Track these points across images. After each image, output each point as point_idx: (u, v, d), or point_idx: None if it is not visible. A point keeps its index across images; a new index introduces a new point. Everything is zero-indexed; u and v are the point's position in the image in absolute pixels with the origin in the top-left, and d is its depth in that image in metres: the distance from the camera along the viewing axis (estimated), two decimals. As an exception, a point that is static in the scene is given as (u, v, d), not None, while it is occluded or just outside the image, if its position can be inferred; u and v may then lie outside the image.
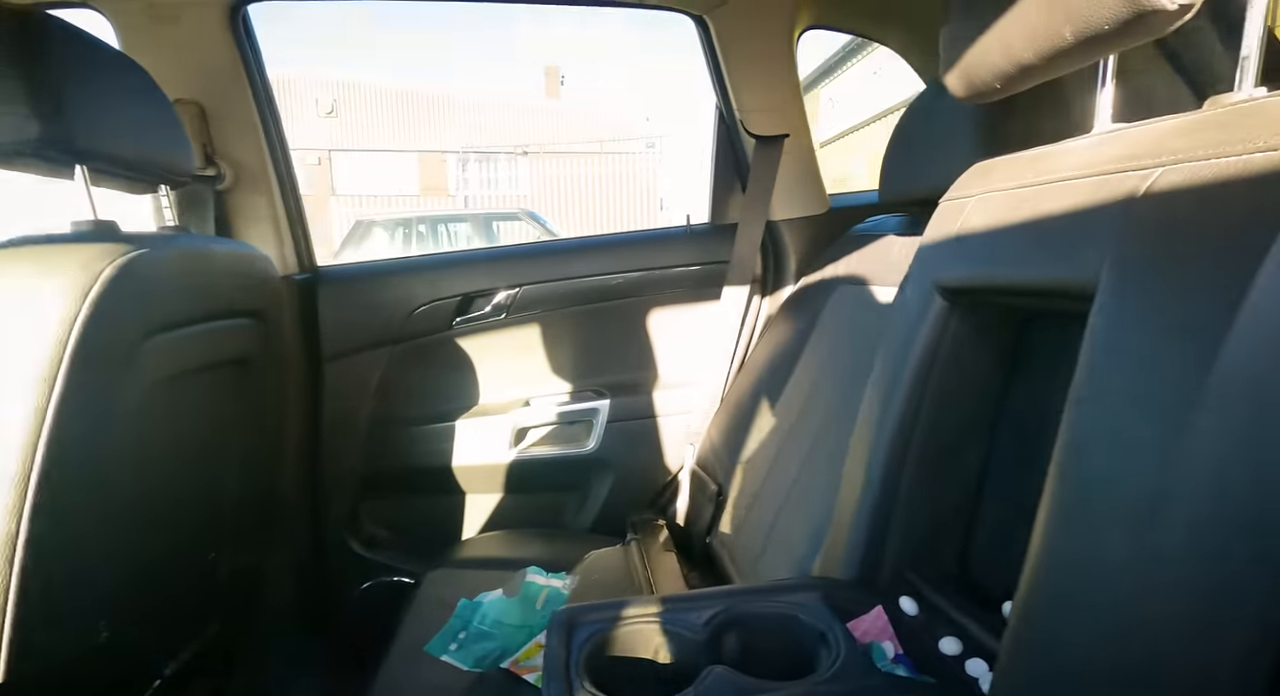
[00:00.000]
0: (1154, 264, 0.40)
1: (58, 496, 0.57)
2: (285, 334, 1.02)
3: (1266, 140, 0.36)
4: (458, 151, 14.31)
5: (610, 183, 14.49)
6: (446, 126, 14.17)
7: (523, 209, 9.89)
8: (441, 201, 13.97)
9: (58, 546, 0.59)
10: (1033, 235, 0.51)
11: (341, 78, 13.70)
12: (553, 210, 14.01)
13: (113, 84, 0.70)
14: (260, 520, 1.04)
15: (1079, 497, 0.41)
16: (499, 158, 14.55)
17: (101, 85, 0.67)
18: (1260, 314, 0.33)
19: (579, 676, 0.52)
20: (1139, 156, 0.44)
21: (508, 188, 14.47)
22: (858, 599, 0.63)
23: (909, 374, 0.64)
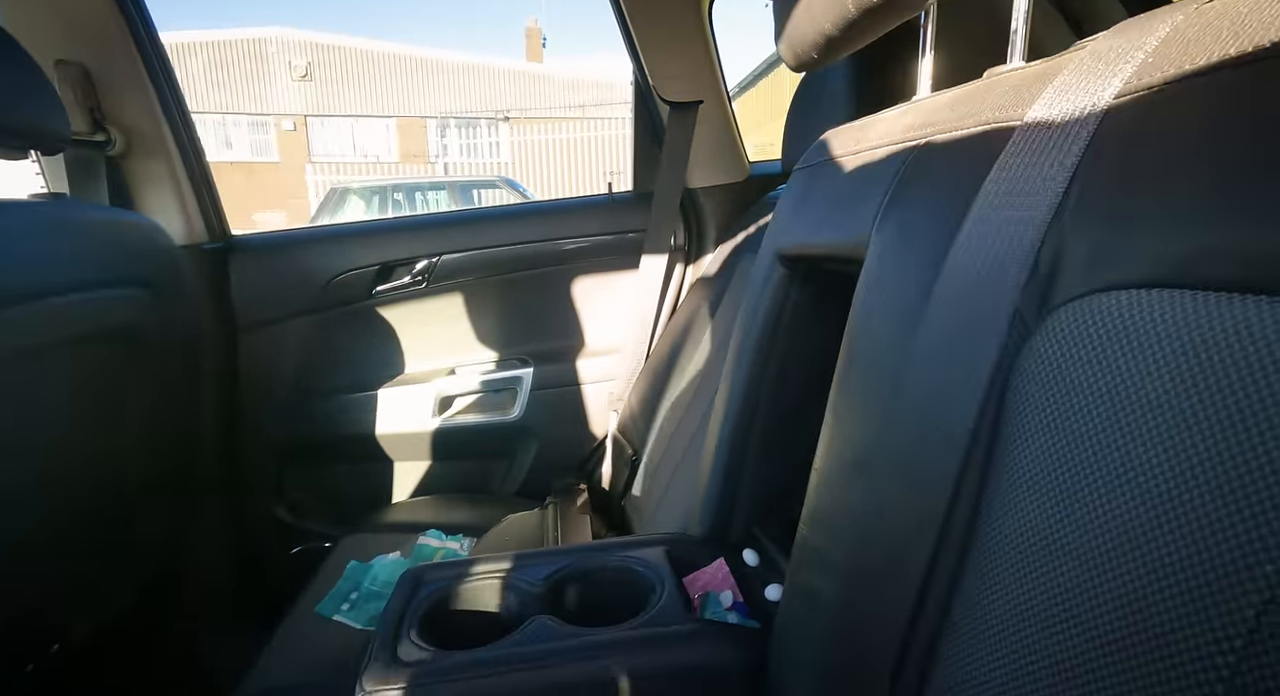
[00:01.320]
0: (897, 232, 0.41)
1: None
2: (191, 303, 1.03)
3: (986, 115, 0.38)
4: (437, 117, 13.99)
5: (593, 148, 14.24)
6: (426, 91, 13.82)
7: (501, 176, 9.74)
8: (421, 168, 13.71)
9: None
10: (837, 203, 0.53)
11: (316, 39, 13.26)
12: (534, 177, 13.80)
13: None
14: (176, 489, 1.06)
15: (829, 454, 0.43)
16: (479, 123, 14.25)
17: None
18: (949, 275, 0.35)
19: (410, 628, 0.55)
20: (916, 127, 0.46)
21: (488, 154, 14.20)
22: (703, 552, 0.67)
23: (754, 341, 0.66)
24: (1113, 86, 0.29)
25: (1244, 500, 0.21)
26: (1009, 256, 0.31)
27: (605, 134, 14.05)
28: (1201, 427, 0.23)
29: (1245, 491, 0.21)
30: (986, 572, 0.31)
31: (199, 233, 1.12)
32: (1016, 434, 0.30)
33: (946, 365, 0.34)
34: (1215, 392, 0.22)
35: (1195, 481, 0.23)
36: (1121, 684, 0.24)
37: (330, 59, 13.35)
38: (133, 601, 0.98)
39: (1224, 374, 0.22)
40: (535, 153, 14.15)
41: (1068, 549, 0.27)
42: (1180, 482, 0.23)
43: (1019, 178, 0.33)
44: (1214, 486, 0.22)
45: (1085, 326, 0.28)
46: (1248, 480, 0.21)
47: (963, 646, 0.31)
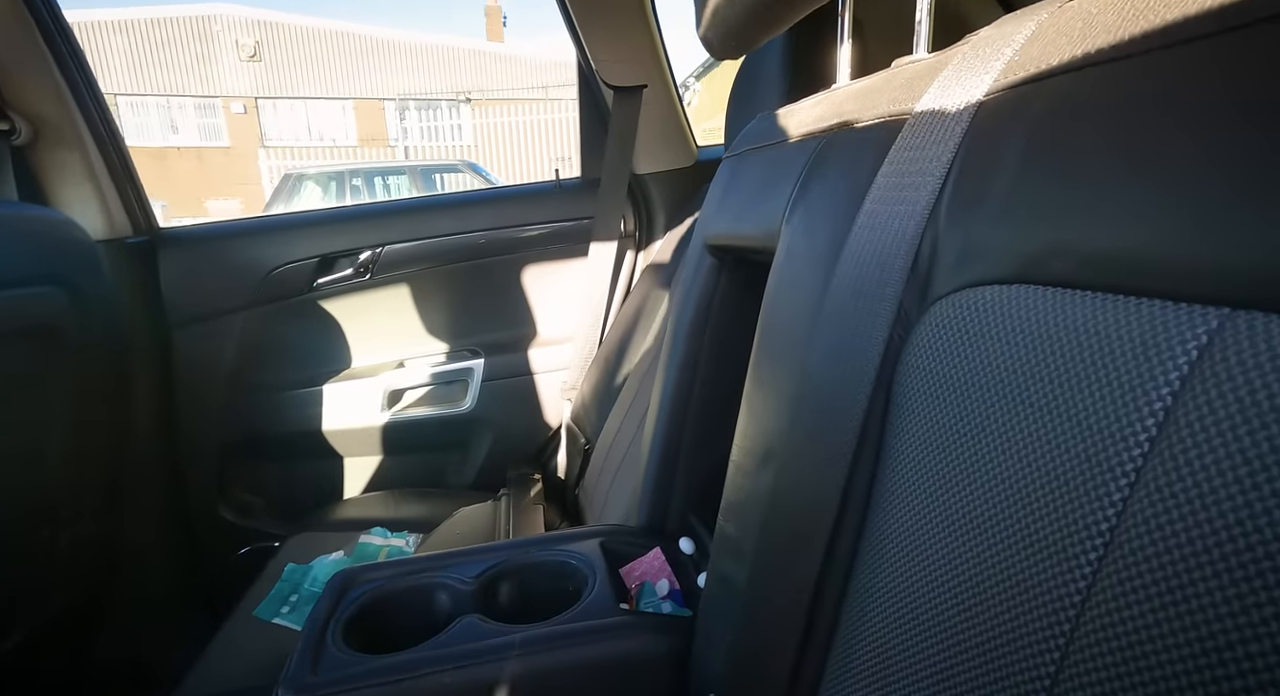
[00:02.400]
0: (802, 225, 0.41)
1: None
2: (114, 300, 0.98)
3: (883, 107, 0.38)
4: (395, 98, 13.59)
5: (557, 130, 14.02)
6: (384, 72, 13.39)
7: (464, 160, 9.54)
8: (382, 152, 13.34)
9: None
10: (755, 195, 0.52)
11: (264, 17, 12.70)
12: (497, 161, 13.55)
13: None
14: (107, 490, 1.02)
15: (743, 446, 0.44)
16: (440, 105, 13.89)
17: None
18: (843, 268, 0.35)
19: (335, 632, 0.54)
20: (825, 118, 0.45)
21: (450, 137, 13.87)
22: (638, 543, 0.67)
23: (685, 330, 0.66)
24: (984, 83, 0.29)
25: (1069, 483, 0.22)
26: (894, 250, 0.32)
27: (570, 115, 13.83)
28: (1040, 420, 0.23)
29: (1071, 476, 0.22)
30: (876, 556, 0.32)
31: (121, 226, 1.07)
32: (900, 423, 0.31)
33: (843, 356, 0.34)
34: (1054, 386, 0.23)
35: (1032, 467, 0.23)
36: (979, 643, 0.25)
37: (280, 38, 12.83)
38: (66, 606, 0.95)
39: (1062, 367, 0.23)
40: (499, 135, 13.88)
41: (937, 528, 0.28)
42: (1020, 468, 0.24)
43: (905, 171, 0.33)
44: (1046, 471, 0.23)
45: (956, 320, 0.28)
46: (1070, 466, 0.22)
47: (856, 622, 0.32)
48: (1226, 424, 0.18)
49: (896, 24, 0.67)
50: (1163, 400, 0.20)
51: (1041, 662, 0.22)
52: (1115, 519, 0.20)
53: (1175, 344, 0.20)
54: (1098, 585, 0.21)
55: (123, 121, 11.26)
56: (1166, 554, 0.19)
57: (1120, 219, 0.22)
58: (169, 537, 1.16)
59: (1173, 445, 0.19)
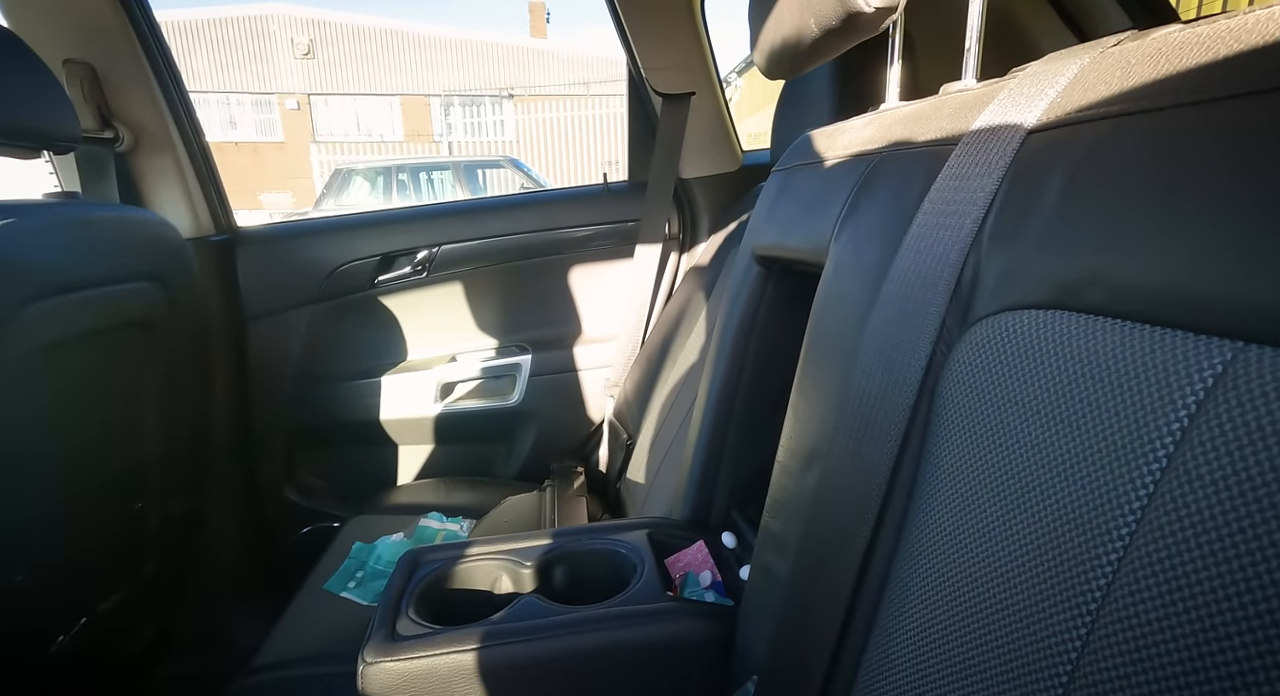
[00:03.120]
0: (851, 241, 0.44)
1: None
2: (199, 295, 1.07)
3: (931, 133, 0.40)
4: (440, 95, 13.88)
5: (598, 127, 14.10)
6: (429, 68, 13.69)
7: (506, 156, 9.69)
8: (426, 147, 13.64)
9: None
10: (804, 209, 0.55)
11: (317, 16, 13.12)
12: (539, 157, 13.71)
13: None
14: (189, 472, 1.11)
15: (789, 447, 0.47)
16: (484, 101, 14.13)
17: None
18: (889, 286, 0.38)
19: (408, 605, 0.59)
20: (876, 140, 0.48)
21: (493, 133, 14.09)
22: (683, 535, 0.71)
23: (732, 335, 0.69)
24: (1029, 119, 0.32)
25: (1093, 495, 0.25)
26: (938, 271, 0.35)
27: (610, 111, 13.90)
28: (1069, 436, 0.26)
29: (1094, 488, 0.25)
30: (914, 553, 0.35)
31: (205, 225, 1.15)
32: (941, 433, 0.34)
33: (886, 368, 0.37)
34: (1083, 406, 0.26)
35: (1060, 478, 0.26)
36: (1005, 639, 0.28)
37: (332, 36, 13.23)
38: (156, 576, 1.04)
39: (1090, 389, 0.25)
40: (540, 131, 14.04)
41: (972, 530, 0.31)
42: (1049, 479, 0.27)
43: (951, 198, 0.36)
44: (1072, 482, 0.26)
45: (995, 340, 0.31)
46: (1094, 479, 0.25)
47: (895, 616, 0.35)
48: (1235, 447, 0.21)
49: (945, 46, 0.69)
50: (1180, 422, 0.22)
51: (1059, 660, 0.25)
52: (1134, 525, 0.23)
53: (1193, 372, 0.22)
54: (1115, 587, 0.24)
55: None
56: (1178, 561, 0.22)
57: (1147, 254, 0.24)
58: (242, 517, 1.25)
59: (1186, 464, 0.22)
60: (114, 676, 1.04)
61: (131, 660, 1.07)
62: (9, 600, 0.75)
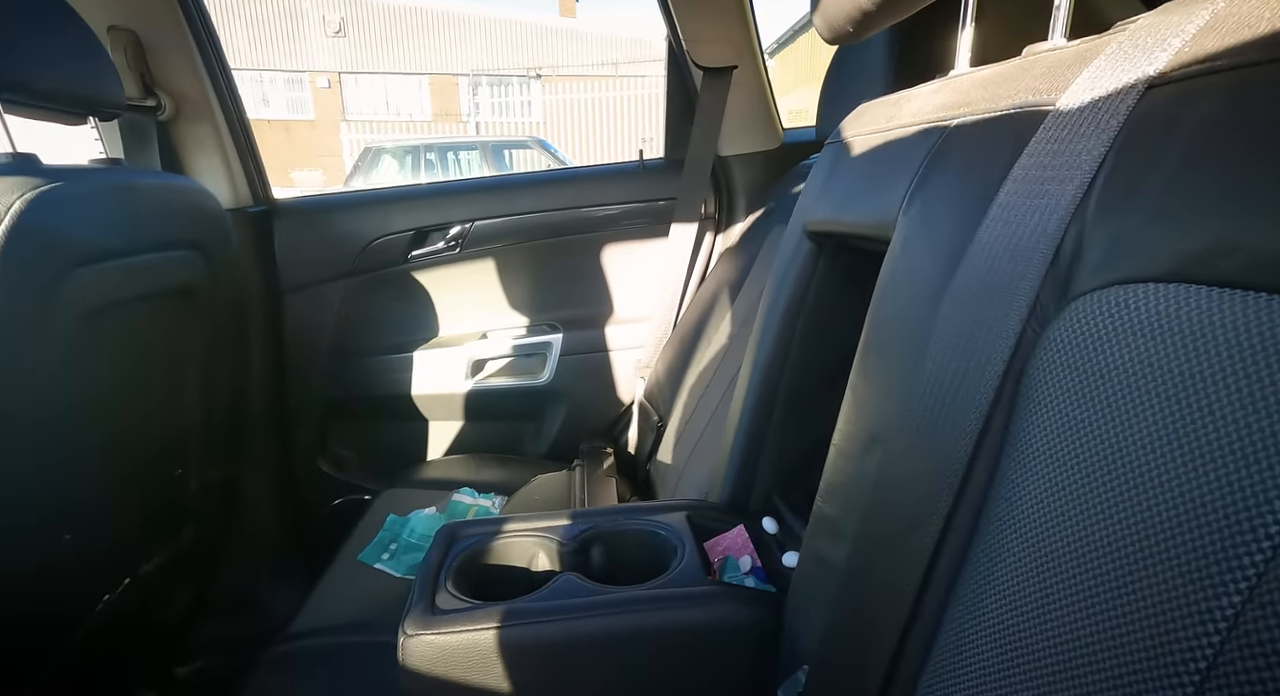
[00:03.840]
0: (923, 214, 0.42)
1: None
2: (238, 266, 1.07)
3: (1020, 97, 0.37)
4: (469, 74, 13.84)
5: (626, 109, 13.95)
6: (458, 47, 13.64)
7: (533, 137, 9.65)
8: (454, 127, 13.65)
9: (3, 458, 0.66)
10: (866, 181, 0.53)
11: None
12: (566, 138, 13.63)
13: (24, 11, 0.70)
14: (227, 441, 1.12)
15: (847, 429, 0.45)
16: (511, 81, 14.06)
17: (10, 12, 0.68)
18: (971, 259, 0.35)
19: (446, 579, 0.59)
20: (950, 106, 0.45)
21: (520, 113, 14.04)
22: (722, 519, 0.69)
23: (780, 314, 0.67)
24: (1147, 73, 0.29)
25: (1230, 496, 0.22)
26: (1032, 244, 0.32)
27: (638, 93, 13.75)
28: (1199, 425, 0.23)
29: (1232, 487, 0.22)
30: (995, 548, 0.32)
31: (243, 196, 1.15)
32: (1030, 418, 0.31)
33: (965, 349, 0.35)
34: (1216, 389, 0.23)
35: (1187, 475, 0.23)
36: (1113, 659, 0.25)
37: (363, 14, 13.24)
38: (194, 540, 1.06)
39: (1226, 370, 0.23)
40: (568, 112, 13.94)
41: (1075, 529, 0.28)
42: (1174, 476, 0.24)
43: (1047, 164, 0.33)
44: (1204, 480, 0.23)
45: (1102, 317, 0.28)
46: (1232, 477, 0.22)
47: (969, 613, 0.33)
48: None
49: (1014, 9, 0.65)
50: None
51: (1177, 681, 0.23)
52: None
53: None
54: (1255, 597, 0.21)
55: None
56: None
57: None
58: (276, 487, 1.27)
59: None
60: (154, 636, 1.06)
61: (170, 621, 1.09)
62: (59, 559, 0.77)
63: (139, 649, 1.03)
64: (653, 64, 13.44)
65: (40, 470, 0.71)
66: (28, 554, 0.73)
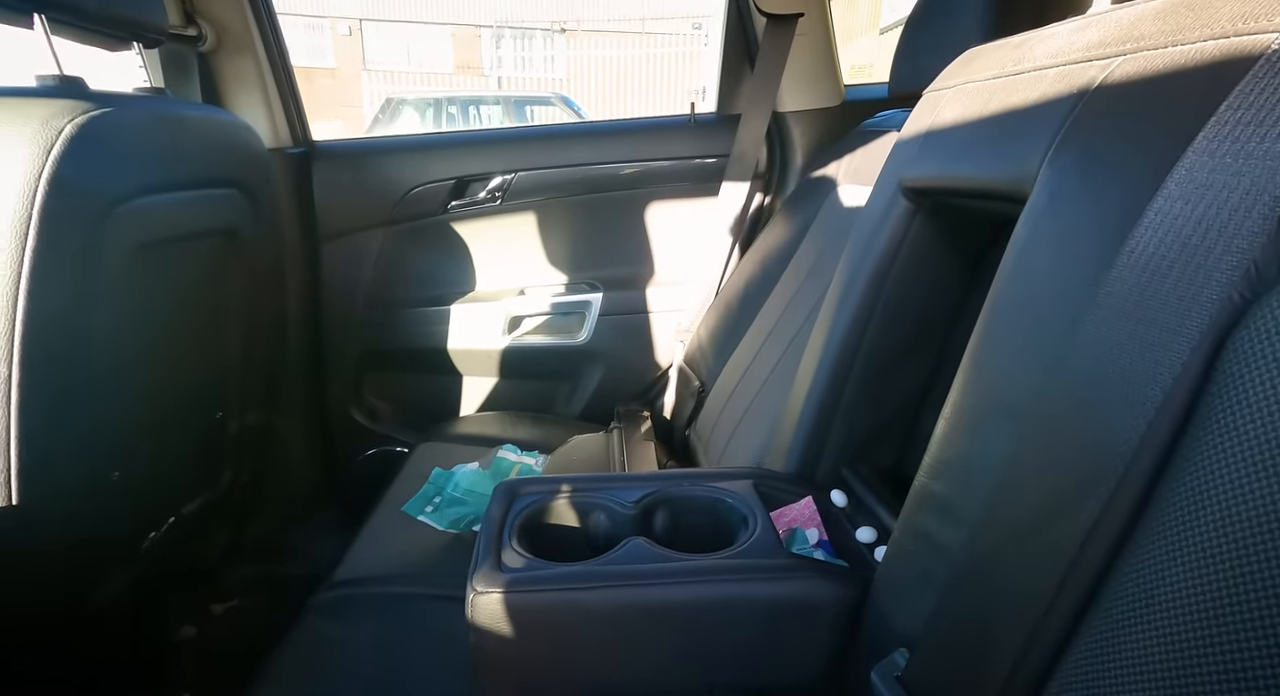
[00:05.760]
0: (1080, 166, 0.37)
1: (48, 350, 0.61)
2: (278, 208, 1.04)
3: (1220, 26, 0.32)
4: (492, 26, 13.48)
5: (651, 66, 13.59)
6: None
7: (557, 93, 9.44)
8: (476, 81, 13.37)
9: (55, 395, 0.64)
10: (988, 132, 0.48)
11: (371, -63, 12.73)
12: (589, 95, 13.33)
13: None
14: (265, 386, 1.11)
15: (965, 401, 0.41)
16: (535, 34, 13.69)
17: None
18: (1156, 217, 0.31)
19: (510, 536, 0.57)
20: (1108, 43, 0.40)
21: (543, 69, 13.72)
22: (790, 489, 0.66)
23: (865, 277, 0.63)
24: None
25: None
26: (1250, 197, 0.28)
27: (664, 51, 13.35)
28: None
29: None
30: (1165, 547, 0.29)
31: (284, 136, 1.12)
32: (1231, 399, 0.27)
33: (1143, 319, 0.31)
34: None
35: None
36: None
37: (386, -41, 12.86)
38: (233, 483, 1.06)
39: None
40: (593, 68, 13.60)
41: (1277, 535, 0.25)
42: None
43: (1269, 105, 0.28)
44: None
45: None
46: None
47: (1128, 614, 0.30)
48: None
49: None
50: None
51: None
52: None
53: None
54: None
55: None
56: None
57: None
58: (311, 435, 1.27)
59: None
60: (197, 574, 1.07)
61: (211, 560, 1.10)
62: (107, 496, 0.76)
63: (180, 585, 1.04)
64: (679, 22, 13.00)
65: (89, 408, 0.70)
66: (79, 491, 0.72)
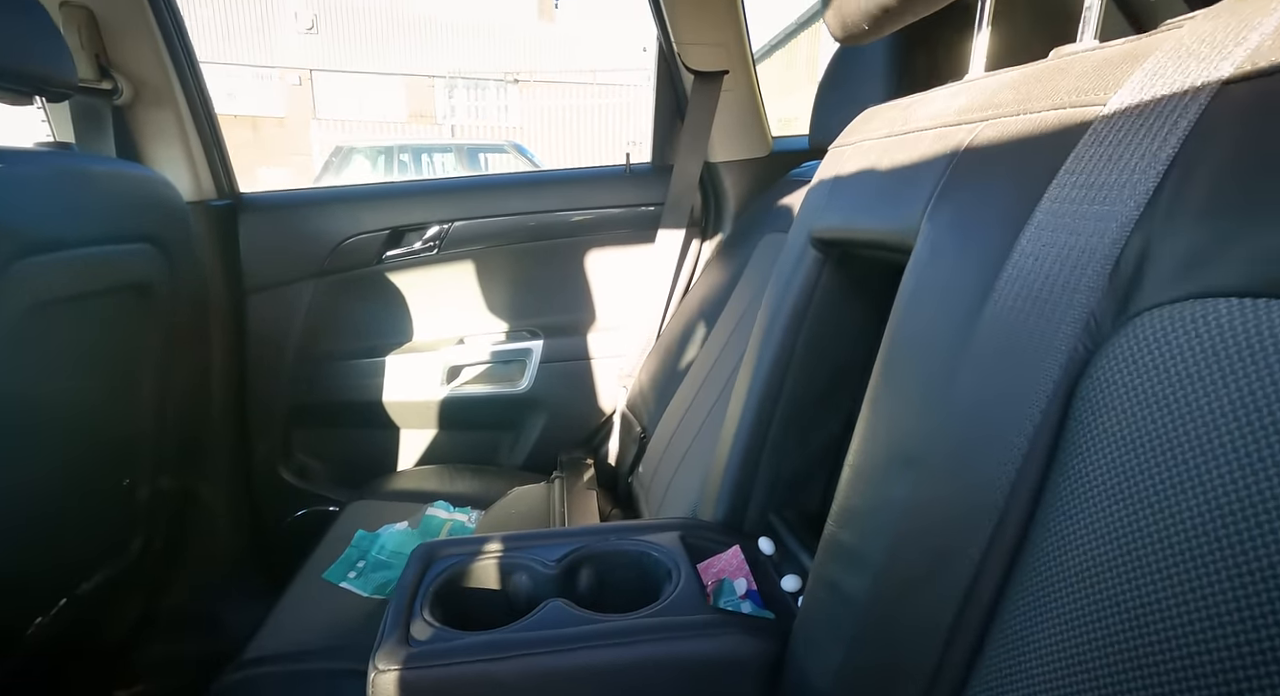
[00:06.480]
0: (953, 222, 0.39)
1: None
2: (200, 262, 1.00)
3: (1060, 98, 0.35)
4: (445, 76, 13.70)
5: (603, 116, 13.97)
6: (434, 49, 13.50)
7: (509, 141, 9.58)
8: (428, 129, 13.48)
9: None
10: (881, 187, 0.50)
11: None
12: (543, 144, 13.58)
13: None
14: (183, 447, 1.05)
15: (867, 449, 0.42)
16: (488, 84, 13.96)
17: None
18: (1013, 271, 0.33)
19: (423, 605, 0.54)
20: (974, 109, 0.43)
21: (496, 117, 13.95)
22: (718, 539, 0.66)
23: (782, 324, 0.64)
24: (1221, 70, 0.27)
25: None
26: (1086, 255, 0.29)
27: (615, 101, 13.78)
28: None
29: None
30: (1040, 590, 0.30)
31: (207, 188, 1.09)
32: (1083, 443, 0.29)
33: (1008, 366, 0.32)
34: None
35: None
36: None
37: (337, 12, 13.03)
38: (141, 554, 0.98)
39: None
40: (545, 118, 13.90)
41: (1136, 567, 0.25)
42: (1267, 513, 0.22)
43: (1101, 169, 0.30)
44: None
45: (1173, 334, 0.26)
46: None
47: (1013, 654, 0.30)
48: None
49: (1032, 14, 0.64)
50: None
51: None
52: None
53: None
54: None
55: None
56: None
57: None
58: (235, 496, 1.20)
59: None
60: (95, 658, 0.98)
61: (113, 642, 1.01)
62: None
63: (78, 672, 0.95)
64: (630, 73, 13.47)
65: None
66: None
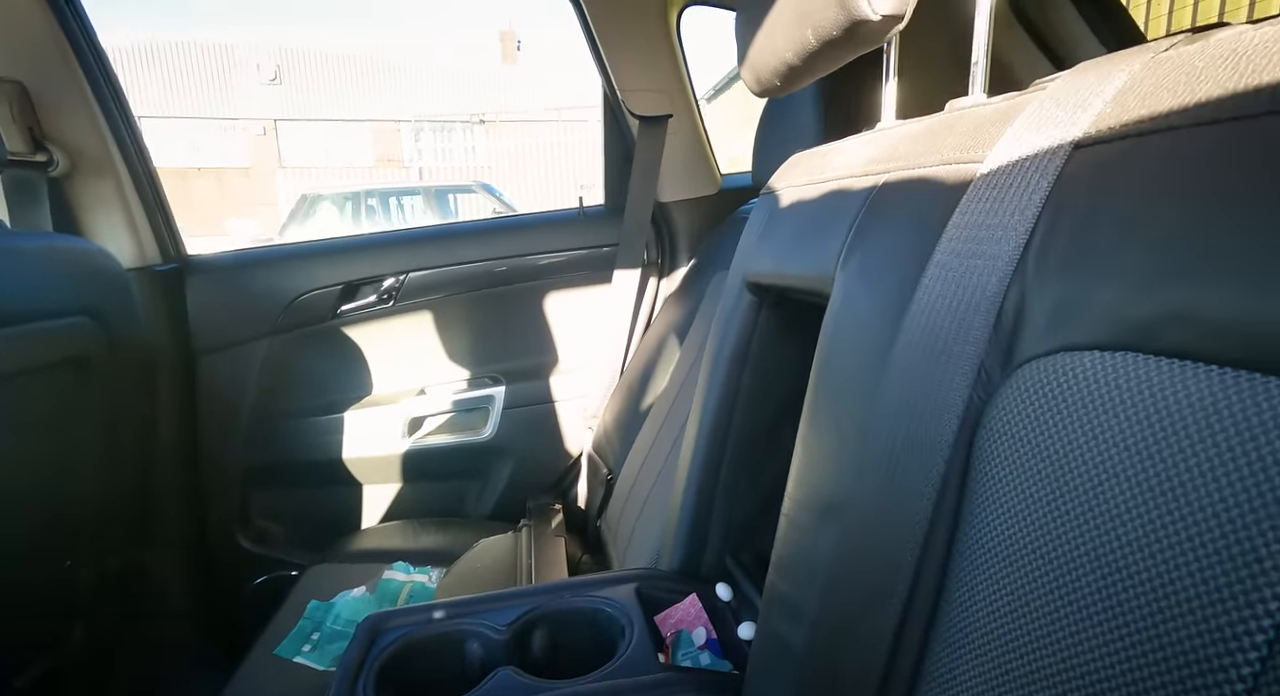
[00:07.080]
0: (861, 271, 0.40)
1: None
2: (145, 329, 0.98)
3: (947, 154, 0.36)
4: (411, 120, 13.83)
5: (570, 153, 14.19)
6: (399, 94, 13.65)
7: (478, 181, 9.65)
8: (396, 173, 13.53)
9: None
10: (803, 234, 0.51)
11: (284, 43, 13.03)
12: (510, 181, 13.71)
13: None
14: (132, 521, 1.01)
15: (798, 499, 0.42)
16: (454, 127, 14.12)
17: None
18: (913, 321, 0.33)
19: (368, 684, 0.52)
20: (879, 160, 0.44)
21: (464, 158, 14.08)
22: (675, 588, 0.65)
23: (725, 364, 0.65)
24: (1072, 133, 0.28)
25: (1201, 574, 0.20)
26: (973, 307, 0.30)
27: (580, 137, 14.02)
28: (1157, 502, 0.22)
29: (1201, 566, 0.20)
30: (956, 630, 0.30)
31: (151, 254, 1.07)
32: (983, 491, 0.29)
33: (916, 415, 0.33)
34: (1171, 465, 0.21)
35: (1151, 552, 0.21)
36: None
37: (299, 62, 13.14)
38: (87, 640, 0.93)
39: (1180, 446, 0.21)
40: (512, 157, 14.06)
41: (1032, 607, 0.26)
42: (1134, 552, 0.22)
43: (982, 223, 0.31)
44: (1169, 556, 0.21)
45: (1048, 385, 0.26)
46: (1201, 555, 0.20)
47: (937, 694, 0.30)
48: None
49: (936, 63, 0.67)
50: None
51: None
52: (1273, 631, 0.18)
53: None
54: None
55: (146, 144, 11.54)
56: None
57: (1249, 287, 0.20)
58: (189, 568, 1.15)
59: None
60: None
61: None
62: None
63: None
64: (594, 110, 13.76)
65: None
66: None
